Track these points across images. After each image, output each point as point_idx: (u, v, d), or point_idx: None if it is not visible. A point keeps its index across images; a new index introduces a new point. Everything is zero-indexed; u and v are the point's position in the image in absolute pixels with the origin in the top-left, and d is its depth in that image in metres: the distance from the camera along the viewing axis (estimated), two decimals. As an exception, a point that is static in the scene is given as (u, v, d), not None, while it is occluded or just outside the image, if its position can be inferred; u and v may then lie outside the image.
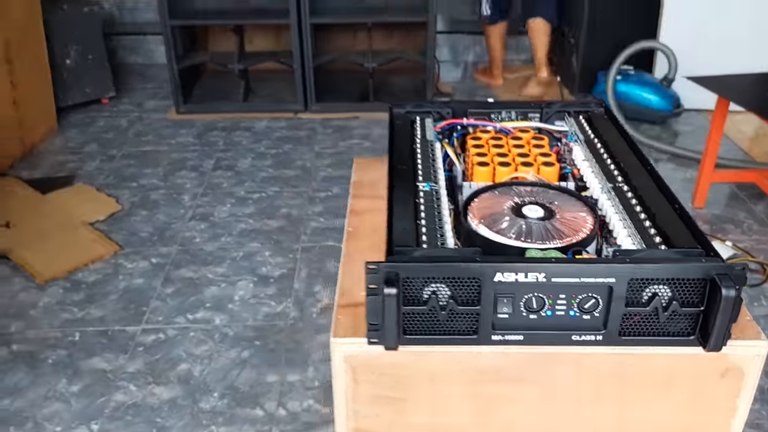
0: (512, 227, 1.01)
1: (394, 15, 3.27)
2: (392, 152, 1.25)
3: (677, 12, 3.23)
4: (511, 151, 1.23)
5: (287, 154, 2.94)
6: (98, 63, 3.27)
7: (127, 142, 3.03)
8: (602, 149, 1.27)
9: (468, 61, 4.07)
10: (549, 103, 1.42)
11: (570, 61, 3.51)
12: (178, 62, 3.19)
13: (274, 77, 3.56)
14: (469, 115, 1.41)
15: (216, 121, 3.23)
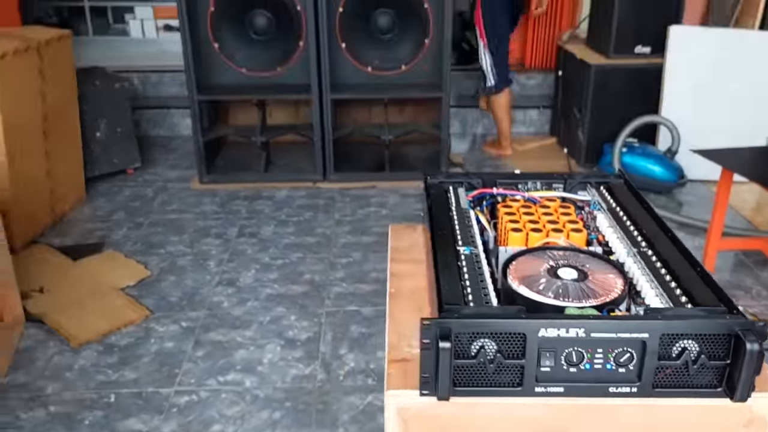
0: (550, 287, 1.10)
1: (410, 91, 3.44)
2: (431, 219, 1.36)
3: (677, 87, 3.41)
4: (541, 218, 1.33)
5: (308, 222, 3.05)
6: (126, 135, 3.43)
7: (154, 211, 3.14)
8: (624, 217, 1.38)
9: (477, 133, 4.24)
10: (571, 175, 1.54)
11: (576, 134, 3.67)
12: (204, 135, 3.34)
13: (292, 148, 3.71)
14: (498, 185, 1.52)
15: (238, 191, 3.36)
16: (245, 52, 3.35)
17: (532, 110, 4.21)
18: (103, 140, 3.35)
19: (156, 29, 4.66)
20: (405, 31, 3.37)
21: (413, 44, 3.39)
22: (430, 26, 3.32)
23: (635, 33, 3.46)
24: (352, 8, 3.25)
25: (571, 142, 3.76)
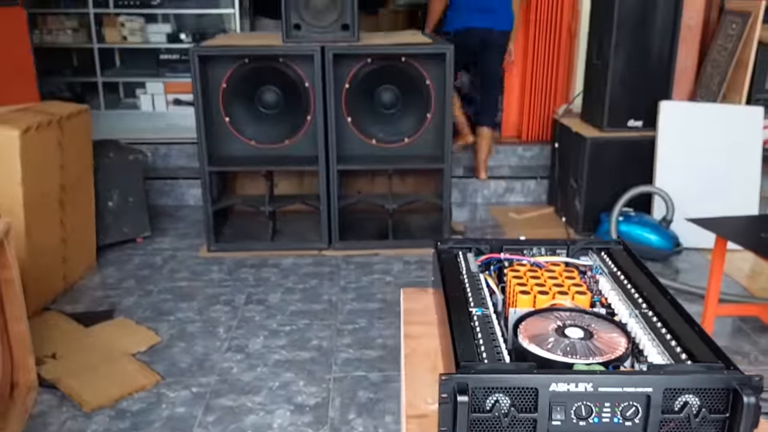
0: (558, 346, 1.17)
1: (413, 163, 3.57)
2: (444, 282, 1.44)
3: (669, 159, 3.55)
4: (547, 281, 1.41)
5: (314, 289, 3.12)
6: (138, 205, 3.53)
7: (163, 279, 3.21)
8: (625, 280, 1.46)
9: (477, 202, 4.36)
10: (573, 241, 1.63)
11: (573, 203, 3.79)
12: (213, 204, 3.45)
13: (297, 217, 3.81)
14: (505, 251, 1.61)
15: (245, 259, 3.43)
16: (255, 126, 3.50)
17: (530, 180, 4.35)
18: (114, 210, 3.45)
19: (166, 103, 4.84)
20: (408, 106, 3.53)
21: (416, 118, 3.54)
22: (432, 102, 3.48)
23: (627, 108, 3.63)
24: (358, 85, 3.41)
25: (569, 211, 3.88)
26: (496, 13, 4.02)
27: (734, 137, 3.55)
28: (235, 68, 3.36)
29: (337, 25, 3.22)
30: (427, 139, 3.57)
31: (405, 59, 3.39)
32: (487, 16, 4.00)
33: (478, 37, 4.02)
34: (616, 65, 3.55)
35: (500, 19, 4.05)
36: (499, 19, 4.05)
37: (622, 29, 3.49)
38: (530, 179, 4.37)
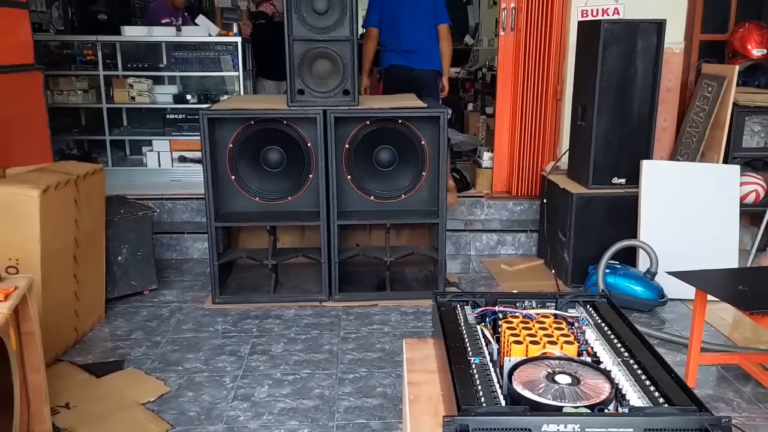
0: (549, 391, 1.32)
1: (409, 217, 3.74)
2: (444, 333, 1.59)
3: (652, 214, 3.74)
4: (538, 332, 1.56)
5: (315, 340, 3.24)
6: (146, 259, 3.67)
7: (170, 330, 3.32)
8: (609, 331, 1.62)
9: (469, 254, 4.52)
10: (561, 295, 1.79)
11: (562, 255, 3.96)
12: (218, 258, 3.59)
13: (297, 269, 3.95)
14: (499, 303, 1.76)
15: (249, 310, 3.56)
16: (259, 183, 3.67)
17: (520, 234, 4.53)
18: (123, 264, 3.58)
19: (171, 160, 5.03)
20: (404, 164, 3.72)
21: (412, 176, 3.73)
22: (427, 160, 3.67)
23: (611, 166, 3.84)
24: (357, 145, 3.61)
25: (558, 263, 4.04)
26: (416, 53, 4.61)
27: (713, 194, 3.75)
28: (242, 129, 3.55)
29: (339, 90, 3.44)
30: (422, 195, 3.75)
31: (401, 121, 3.60)
32: (409, 56, 4.62)
33: (404, 72, 4.65)
34: (600, 127, 3.78)
35: (421, 59, 4.63)
36: (421, 59, 4.63)
37: (605, 95, 3.73)
38: (521, 232, 4.55)
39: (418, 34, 4.63)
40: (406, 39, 4.62)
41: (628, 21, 3.76)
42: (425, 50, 4.64)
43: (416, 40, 4.61)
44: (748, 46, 4.20)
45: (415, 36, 4.62)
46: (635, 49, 3.70)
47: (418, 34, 4.63)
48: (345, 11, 3.31)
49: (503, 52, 4.56)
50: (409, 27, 4.61)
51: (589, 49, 3.77)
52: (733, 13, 4.46)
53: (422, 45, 4.63)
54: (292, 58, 3.37)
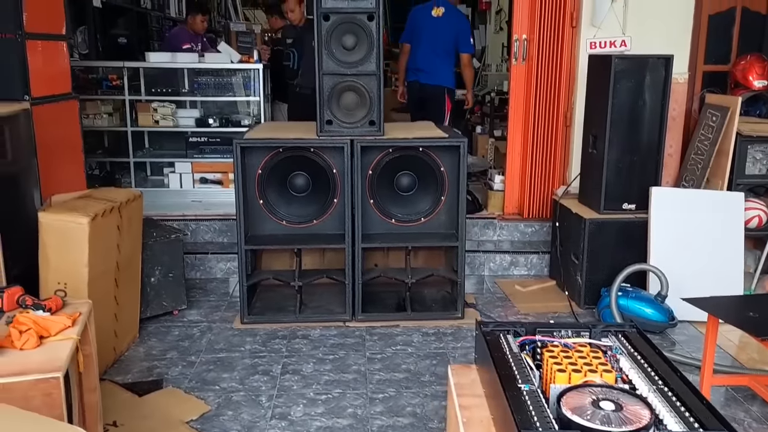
0: (596, 416, 1.48)
1: (429, 240, 3.91)
2: (494, 362, 1.75)
3: (662, 238, 3.91)
4: (578, 361, 1.72)
5: (343, 360, 3.39)
6: (177, 280, 3.82)
7: (203, 350, 3.47)
8: (642, 360, 1.78)
9: (484, 275, 4.68)
10: (595, 325, 1.95)
11: (575, 278, 4.13)
12: (247, 279, 3.75)
13: (320, 290, 4.11)
14: (538, 333, 1.93)
15: (276, 330, 3.71)
16: (286, 208, 3.83)
17: (532, 255, 4.70)
18: (156, 285, 3.73)
19: (192, 181, 5.18)
20: (424, 189, 3.89)
21: (431, 200, 3.89)
22: (446, 185, 3.84)
23: (621, 192, 4.02)
24: (380, 171, 3.78)
25: (571, 285, 4.21)
26: (425, 72, 5.46)
27: (719, 219, 3.93)
28: (271, 156, 3.71)
29: (366, 120, 3.61)
30: (441, 218, 3.92)
31: (422, 149, 3.77)
32: (420, 74, 5.51)
33: (416, 88, 5.56)
34: (611, 156, 3.96)
35: (430, 76, 5.45)
36: (429, 76, 5.45)
37: (615, 125, 3.92)
38: (533, 254, 4.72)
39: (432, 56, 5.41)
40: (420, 59, 5.46)
41: (637, 56, 3.95)
42: (435, 69, 5.43)
43: (428, 61, 5.42)
44: (749, 77, 4.40)
45: (428, 57, 5.42)
46: (644, 83, 3.89)
47: (432, 55, 5.41)
48: (372, 47, 3.49)
49: (515, 81, 4.75)
50: (425, 49, 5.41)
51: (600, 81, 3.96)
52: (735, 45, 4.67)
53: (433, 65, 5.42)
54: (321, 90, 3.54)
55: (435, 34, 5.35)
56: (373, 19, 3.46)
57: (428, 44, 5.37)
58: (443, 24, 5.38)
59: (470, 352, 3.48)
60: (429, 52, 5.40)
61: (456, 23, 5.45)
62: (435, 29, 5.37)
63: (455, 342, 3.61)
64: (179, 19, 7.68)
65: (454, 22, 5.42)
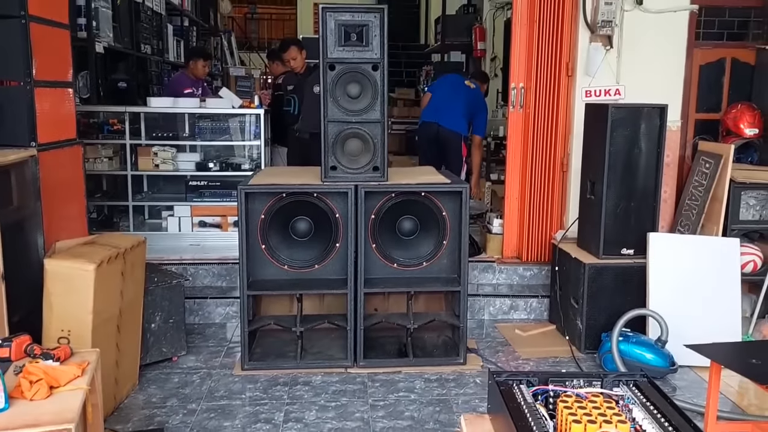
0: (615, 467, 1.49)
1: (431, 285, 3.92)
2: (510, 412, 1.76)
3: (660, 283, 3.94)
4: (592, 411, 1.73)
5: (345, 407, 3.37)
6: (177, 326, 3.80)
7: (203, 397, 3.44)
8: (655, 410, 1.80)
9: (484, 319, 4.69)
10: (606, 374, 1.97)
11: (575, 322, 4.15)
12: (248, 325, 3.74)
13: (320, 335, 4.09)
14: (551, 382, 1.94)
15: (277, 377, 3.69)
16: (288, 252, 3.84)
17: (532, 299, 4.72)
18: (156, 331, 3.72)
19: (191, 225, 5.19)
20: (426, 233, 3.92)
21: (433, 244, 3.92)
22: (447, 229, 3.88)
23: (620, 238, 4.08)
24: (383, 216, 3.81)
25: (571, 329, 4.22)
26: (447, 117, 5.87)
27: (716, 264, 3.98)
28: (274, 201, 3.74)
29: (369, 166, 3.67)
30: (443, 262, 3.94)
31: (424, 194, 3.82)
32: (441, 117, 5.89)
33: (435, 130, 5.89)
34: (609, 201, 4.03)
35: (445, 118, 5.86)
36: (444, 118, 5.87)
37: (612, 171, 4.00)
38: (532, 297, 4.74)
39: (455, 110, 5.92)
40: (444, 106, 5.96)
41: (633, 105, 4.05)
42: (456, 119, 5.90)
43: (451, 111, 5.90)
44: (740, 125, 4.51)
45: (452, 108, 5.91)
46: (640, 130, 3.98)
47: (455, 109, 5.92)
48: (376, 96, 3.57)
49: (512, 127, 4.84)
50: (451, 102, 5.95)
51: (597, 129, 4.05)
52: (726, 94, 4.80)
53: (454, 115, 5.90)
54: (326, 137, 3.60)
55: (462, 98, 5.97)
56: (378, 68, 3.55)
57: (454, 101, 5.93)
58: (471, 95, 6.04)
59: (473, 399, 3.47)
60: (453, 106, 5.92)
61: (480, 104, 6.15)
62: (464, 94, 6.00)
63: (458, 388, 3.60)
64: (179, 63, 7.79)
65: (479, 103, 6.12)
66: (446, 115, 5.88)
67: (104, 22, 5.53)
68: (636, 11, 4.56)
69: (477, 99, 6.13)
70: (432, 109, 6.03)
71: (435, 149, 5.94)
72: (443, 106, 5.93)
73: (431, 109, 6.05)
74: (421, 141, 6.18)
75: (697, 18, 4.65)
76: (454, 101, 5.92)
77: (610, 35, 4.56)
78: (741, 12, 4.75)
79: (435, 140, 5.92)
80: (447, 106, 5.91)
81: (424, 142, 6.08)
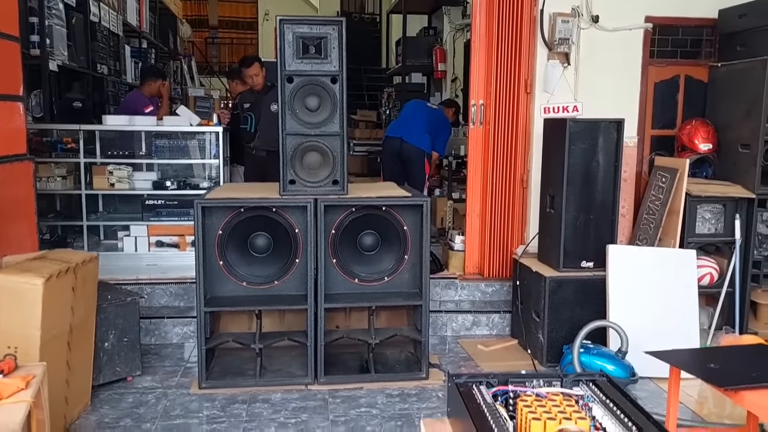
0: (575, 461, 1.46)
1: (393, 300, 3.88)
2: (470, 412, 1.72)
3: (619, 295, 3.97)
4: (552, 409, 1.71)
5: (306, 423, 3.29)
6: (132, 345, 3.69)
7: (159, 416, 3.32)
8: (615, 408, 1.78)
9: (446, 335, 4.66)
10: (566, 375, 1.95)
11: (537, 336, 4.14)
12: (206, 343, 3.64)
13: (280, 352, 4.01)
14: (511, 383, 1.91)
15: (236, 395, 3.59)
16: (246, 268, 3.77)
17: (494, 314, 4.71)
18: (109, 350, 3.59)
19: (148, 245, 5.08)
20: (387, 248, 3.89)
21: (394, 259, 3.89)
22: (408, 244, 3.86)
23: (579, 251, 4.11)
24: (343, 231, 3.78)
25: (533, 343, 4.22)
26: (411, 134, 6.03)
27: (674, 275, 4.03)
28: (231, 217, 3.68)
29: (329, 180, 3.64)
30: (404, 277, 3.91)
31: (385, 208, 3.80)
32: (405, 133, 6.06)
33: (398, 146, 6.04)
34: (568, 215, 4.06)
35: (409, 134, 6.02)
36: (408, 134, 6.03)
37: (571, 185, 4.04)
38: (494, 313, 4.73)
39: (419, 128, 6.09)
40: (408, 124, 6.16)
41: (590, 120, 4.11)
42: (419, 136, 6.05)
43: (416, 129, 6.07)
44: (695, 141, 4.62)
45: (416, 126, 6.09)
46: (597, 144, 4.05)
47: (420, 128, 6.09)
48: (335, 109, 3.56)
49: (473, 144, 4.87)
50: (416, 121, 6.14)
51: (556, 143, 4.10)
52: (680, 111, 4.91)
53: (418, 133, 6.05)
54: (285, 151, 3.57)
55: (425, 116, 6.24)
56: (337, 81, 3.54)
57: (418, 118, 6.17)
58: (434, 116, 6.32)
59: (436, 412, 3.42)
60: (417, 123, 6.14)
61: (443, 125, 6.37)
62: (427, 113, 6.29)
63: (420, 403, 3.55)
64: (135, 84, 7.69)
65: (440, 122, 6.34)
66: (410, 131, 6.06)
67: (58, 39, 5.44)
68: (592, 29, 4.66)
69: (439, 118, 6.34)
70: (396, 125, 6.31)
71: (398, 164, 6.07)
72: (407, 122, 6.16)
73: (395, 125, 6.35)
74: (385, 156, 6.36)
75: (651, 36, 4.78)
76: (418, 119, 6.13)
77: (567, 53, 4.65)
78: (693, 31, 4.88)
79: (398, 155, 6.08)
80: (410, 122, 6.13)
81: (388, 156, 6.25)
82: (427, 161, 6.08)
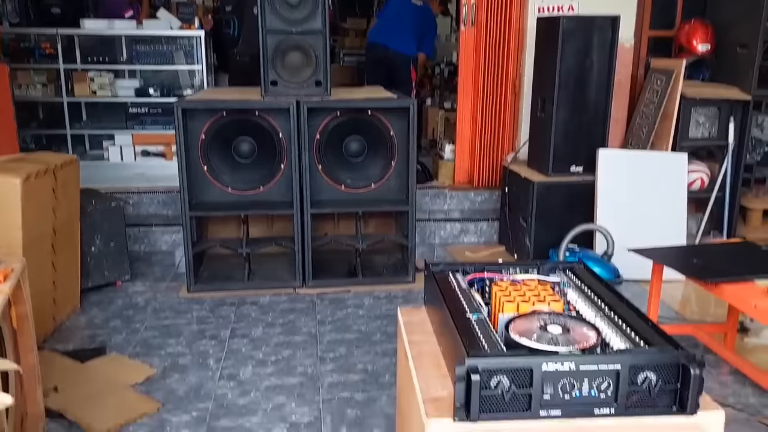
0: (544, 338, 1.47)
1: (380, 206, 3.86)
2: (444, 296, 1.72)
3: (608, 199, 3.96)
4: (526, 293, 1.71)
5: (293, 323, 3.34)
6: (118, 250, 3.69)
7: (148, 318, 3.36)
8: (589, 291, 1.78)
9: (434, 242, 4.68)
10: (544, 262, 1.95)
11: (524, 241, 4.15)
12: (193, 247, 3.64)
13: (269, 258, 4.03)
14: (487, 271, 1.91)
15: (224, 298, 3.62)
16: (231, 174, 3.73)
17: (482, 222, 4.71)
18: (96, 254, 3.60)
19: (134, 154, 5.01)
20: (374, 154, 3.84)
21: (381, 166, 3.85)
22: (396, 150, 3.80)
23: (569, 155, 4.05)
24: (328, 135, 3.71)
25: (519, 248, 4.24)
26: (395, 39, 5.61)
27: (663, 180, 4.00)
28: (214, 121, 3.60)
29: (312, 81, 3.54)
30: (391, 184, 3.88)
31: (371, 112, 3.72)
32: (388, 39, 5.65)
33: (382, 53, 5.67)
34: (559, 118, 3.98)
35: (393, 40, 5.62)
36: (392, 40, 5.62)
37: (563, 87, 3.94)
38: (482, 221, 4.73)
39: (403, 31, 5.65)
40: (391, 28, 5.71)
41: (584, 17, 3.97)
42: (403, 41, 5.65)
43: (399, 32, 5.65)
44: (693, 41, 4.48)
45: (400, 29, 5.65)
46: (591, 44, 3.92)
47: (403, 31, 5.65)
48: (317, 4, 3.42)
49: (464, 47, 4.73)
50: (398, 24, 5.68)
51: (548, 43, 3.98)
52: (679, 10, 4.74)
53: (402, 37, 5.64)
54: (265, 49, 3.45)
55: (410, 16, 5.70)
56: (318, -26, 3.38)
57: (402, 20, 5.68)
58: (419, 14, 5.75)
59: (422, 313, 3.46)
60: (401, 27, 5.68)
61: (428, 22, 5.86)
62: (412, 13, 5.71)
63: (406, 304, 3.59)
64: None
65: (427, 20, 5.82)
66: (394, 36, 5.68)
67: (33, -61, 5.19)
68: (591, -77, 4.43)
69: (425, 16, 5.83)
70: (378, 30, 5.87)
71: (384, 72, 5.72)
72: (390, 26, 5.74)
73: (378, 29, 5.89)
74: (368, 64, 6.07)
75: (651, -68, 4.56)
76: (402, 21, 5.70)
77: (562, -51, 4.44)
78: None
79: (383, 63, 5.75)
80: (394, 26, 5.71)
81: (371, 65, 5.95)
82: (413, 67, 5.76)
